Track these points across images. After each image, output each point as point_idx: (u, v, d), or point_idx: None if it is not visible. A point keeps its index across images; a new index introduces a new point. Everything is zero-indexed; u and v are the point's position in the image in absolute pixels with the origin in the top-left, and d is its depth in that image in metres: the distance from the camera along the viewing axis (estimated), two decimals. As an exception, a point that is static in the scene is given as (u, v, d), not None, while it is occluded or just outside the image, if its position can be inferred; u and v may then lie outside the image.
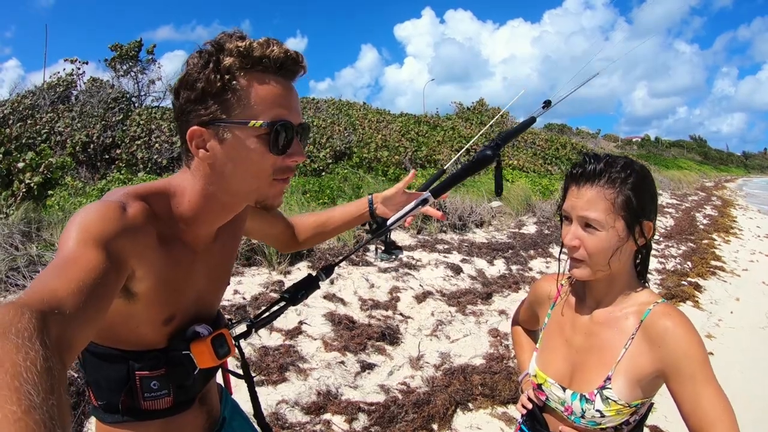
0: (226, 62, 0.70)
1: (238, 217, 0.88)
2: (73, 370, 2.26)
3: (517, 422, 1.17)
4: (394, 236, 1.24)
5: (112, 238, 0.64)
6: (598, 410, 0.92)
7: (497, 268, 5.28)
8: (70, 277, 0.55)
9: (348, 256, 1.18)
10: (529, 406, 1.09)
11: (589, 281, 0.98)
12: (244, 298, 3.54)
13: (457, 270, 4.89)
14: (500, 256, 5.65)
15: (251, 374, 1.03)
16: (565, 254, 0.99)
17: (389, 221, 1.13)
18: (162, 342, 0.81)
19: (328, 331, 3.22)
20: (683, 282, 5.38)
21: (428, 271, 4.75)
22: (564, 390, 0.99)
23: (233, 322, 0.97)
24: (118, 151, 7.83)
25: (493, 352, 3.26)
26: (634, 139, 55.24)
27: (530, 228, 7.68)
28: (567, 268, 0.97)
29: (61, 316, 0.50)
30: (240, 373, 1.04)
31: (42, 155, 4.35)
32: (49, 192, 4.45)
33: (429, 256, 5.12)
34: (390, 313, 3.71)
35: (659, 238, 7.76)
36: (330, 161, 9.42)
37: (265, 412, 1.03)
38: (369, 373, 2.87)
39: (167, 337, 0.81)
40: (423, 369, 2.98)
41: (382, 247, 1.21)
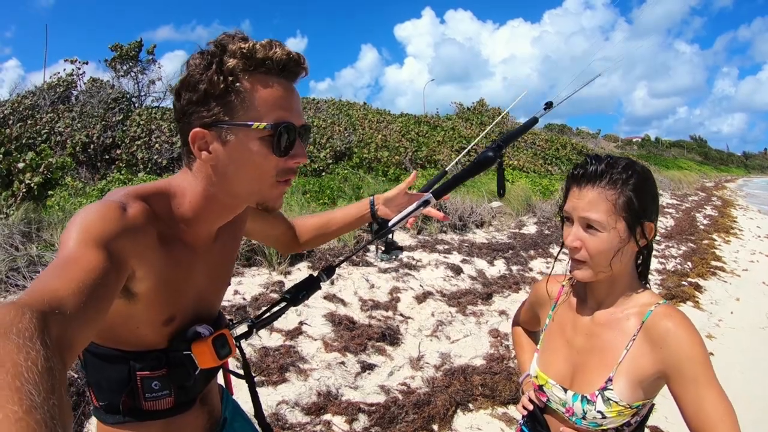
0: (230, 64, 0.69)
1: (239, 217, 0.88)
2: (73, 370, 2.26)
3: (518, 423, 1.17)
4: (395, 237, 1.24)
5: (113, 238, 0.64)
6: (599, 411, 0.92)
7: (497, 268, 5.28)
8: (71, 277, 0.55)
9: (349, 257, 1.18)
10: (530, 407, 1.09)
11: (590, 282, 0.98)
12: (244, 299, 3.54)
13: (457, 270, 4.89)
14: (500, 257, 5.65)
15: (252, 375, 1.03)
16: (565, 254, 0.99)
17: (391, 222, 1.12)
18: (163, 342, 0.81)
19: (328, 332, 3.22)
20: (683, 282, 5.38)
21: (428, 271, 4.75)
22: (565, 391, 0.99)
23: (234, 322, 0.97)
24: (118, 151, 7.83)
25: (493, 353, 3.26)
26: (634, 139, 55.22)
27: (530, 228, 7.68)
28: (568, 269, 0.97)
29: (61, 316, 0.50)
30: (241, 373, 1.04)
31: (42, 155, 4.35)
32: (50, 192, 4.45)
33: (429, 257, 5.12)
34: (390, 313, 3.71)
35: (659, 239, 7.76)
36: (330, 161, 9.43)
37: (265, 413, 1.03)
38: (369, 373, 2.87)
39: (168, 337, 0.81)
40: (423, 369, 2.98)
41: (383, 248, 1.20)
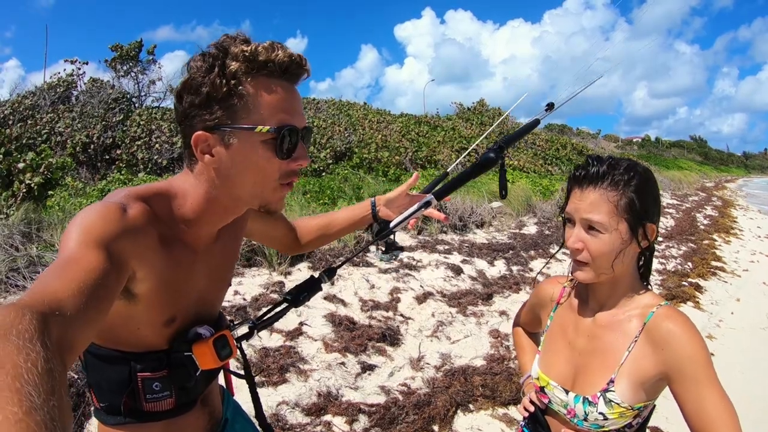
0: (232, 67, 0.69)
1: (240, 218, 0.88)
2: (73, 371, 2.26)
3: (519, 424, 1.17)
4: (395, 237, 1.24)
5: (113, 239, 0.64)
6: (601, 413, 0.92)
7: (498, 268, 5.28)
8: (71, 278, 0.55)
9: (350, 258, 1.17)
10: (532, 408, 1.09)
11: (592, 284, 0.98)
12: (244, 299, 3.53)
13: (457, 271, 4.89)
14: (501, 257, 5.65)
15: (252, 375, 1.03)
16: (565, 254, 0.98)
17: (392, 223, 1.12)
18: (164, 343, 0.81)
19: (328, 332, 3.22)
20: (684, 283, 5.38)
21: (429, 271, 4.74)
22: (567, 393, 0.98)
23: (235, 323, 0.97)
24: (118, 151, 7.83)
25: (493, 353, 3.26)
26: (634, 140, 55.24)
27: (531, 228, 7.68)
28: (570, 270, 0.97)
29: (61, 317, 0.50)
30: (241, 373, 1.03)
31: (42, 156, 4.35)
32: (50, 192, 4.45)
33: (429, 257, 5.12)
34: (390, 314, 3.71)
35: (660, 239, 7.75)
36: (330, 162, 9.43)
37: (265, 414, 1.03)
38: (369, 374, 2.86)
39: (169, 338, 0.81)
40: (423, 370, 2.97)
41: (383, 248, 1.20)
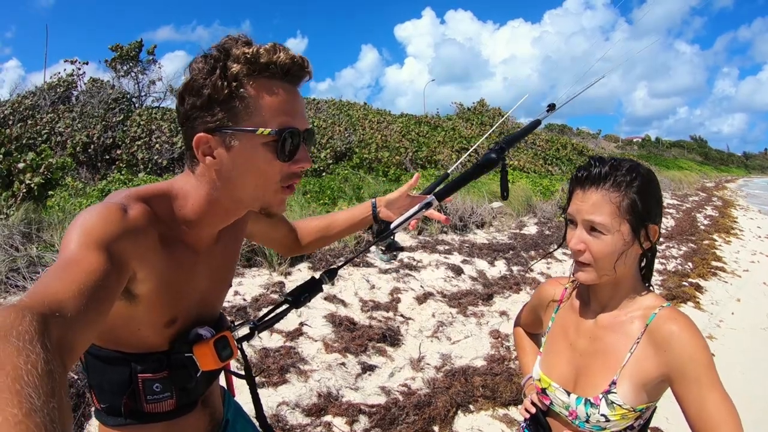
0: (234, 69, 0.69)
1: (241, 219, 0.88)
2: (73, 372, 2.26)
3: (520, 426, 1.16)
4: (396, 238, 1.23)
5: (114, 240, 0.64)
6: (603, 415, 0.91)
7: (498, 269, 5.28)
8: (72, 279, 0.55)
9: (351, 259, 1.17)
10: (533, 410, 1.08)
11: (594, 285, 0.98)
12: (244, 299, 3.53)
13: (457, 271, 4.89)
14: (501, 257, 5.65)
15: (253, 376, 1.03)
16: (566, 255, 0.98)
17: (393, 224, 1.12)
18: (164, 344, 0.81)
19: (328, 333, 3.21)
20: (684, 283, 5.37)
21: (429, 272, 4.74)
22: (568, 394, 0.98)
23: (236, 324, 0.97)
24: (118, 151, 7.83)
25: (494, 354, 3.26)
26: (634, 140, 55.28)
27: (531, 229, 7.68)
28: (572, 271, 0.97)
29: (62, 318, 0.50)
30: (242, 373, 1.03)
31: (42, 156, 4.35)
32: (50, 193, 4.45)
33: (430, 257, 5.12)
34: (391, 314, 3.70)
35: (660, 239, 7.75)
36: (330, 162, 9.43)
37: (266, 414, 1.03)
38: (370, 374, 2.86)
39: (169, 339, 0.81)
40: (424, 370, 2.97)
41: (383, 248, 1.20)
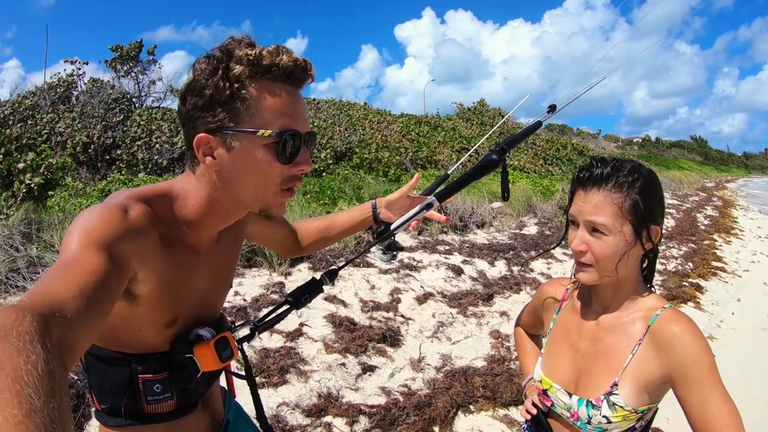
0: (236, 70, 0.69)
1: (241, 220, 0.88)
2: (73, 372, 2.26)
3: (521, 426, 1.16)
4: (396, 238, 1.23)
5: (114, 240, 0.64)
6: (604, 416, 0.91)
7: (498, 269, 5.28)
8: (72, 280, 0.55)
9: (351, 260, 1.17)
10: (534, 411, 1.08)
11: (595, 286, 0.98)
12: (244, 300, 3.53)
13: (458, 271, 4.88)
14: (501, 257, 5.65)
15: (254, 377, 1.03)
16: (567, 255, 0.98)
17: (393, 226, 1.11)
18: (165, 345, 0.81)
19: (328, 333, 3.21)
20: (684, 283, 5.37)
21: (429, 272, 4.74)
22: (570, 396, 0.98)
23: (236, 324, 0.97)
24: (118, 151, 7.82)
25: (494, 354, 3.25)
26: (634, 140, 55.30)
27: (531, 229, 7.68)
28: (573, 272, 0.97)
29: (62, 319, 0.49)
30: (242, 374, 1.03)
31: (42, 156, 4.35)
32: (50, 193, 4.45)
33: (430, 258, 5.12)
34: (391, 314, 3.70)
35: (662, 240, 7.75)
36: (331, 162, 9.43)
37: (266, 415, 1.03)
38: (370, 375, 2.86)
39: (170, 340, 0.81)
40: (424, 371, 2.97)
41: (383, 248, 1.20)
